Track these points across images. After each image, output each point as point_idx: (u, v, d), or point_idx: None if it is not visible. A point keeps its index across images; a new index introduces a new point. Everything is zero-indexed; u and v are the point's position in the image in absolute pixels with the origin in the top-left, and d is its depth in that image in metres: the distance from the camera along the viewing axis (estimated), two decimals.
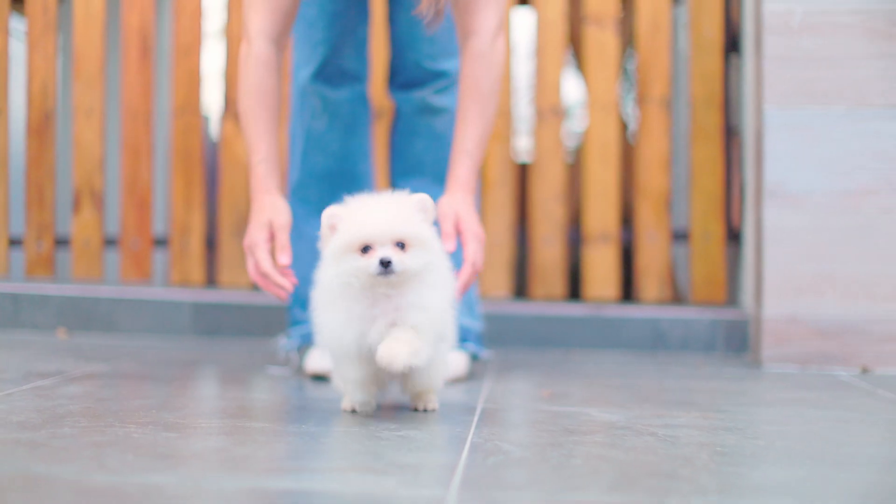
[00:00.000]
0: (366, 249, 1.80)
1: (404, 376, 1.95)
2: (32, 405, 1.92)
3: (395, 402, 2.10)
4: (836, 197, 2.94)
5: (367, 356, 1.85)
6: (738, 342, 3.28)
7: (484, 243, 2.24)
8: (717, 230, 3.53)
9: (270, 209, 2.25)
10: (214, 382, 2.51)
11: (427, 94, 2.63)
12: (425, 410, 2.00)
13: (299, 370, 2.60)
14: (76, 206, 3.61)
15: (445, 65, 2.61)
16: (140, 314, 3.37)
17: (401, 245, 1.80)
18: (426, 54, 2.60)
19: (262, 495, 1.33)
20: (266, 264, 2.18)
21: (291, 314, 2.70)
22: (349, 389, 1.93)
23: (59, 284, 3.49)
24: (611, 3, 3.58)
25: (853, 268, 2.93)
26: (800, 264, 2.95)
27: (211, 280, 3.81)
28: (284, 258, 2.17)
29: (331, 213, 1.85)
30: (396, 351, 1.78)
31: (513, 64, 3.69)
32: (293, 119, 2.66)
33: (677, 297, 3.82)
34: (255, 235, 2.22)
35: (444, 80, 2.62)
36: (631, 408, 2.13)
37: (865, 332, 2.93)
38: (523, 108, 5.35)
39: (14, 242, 3.60)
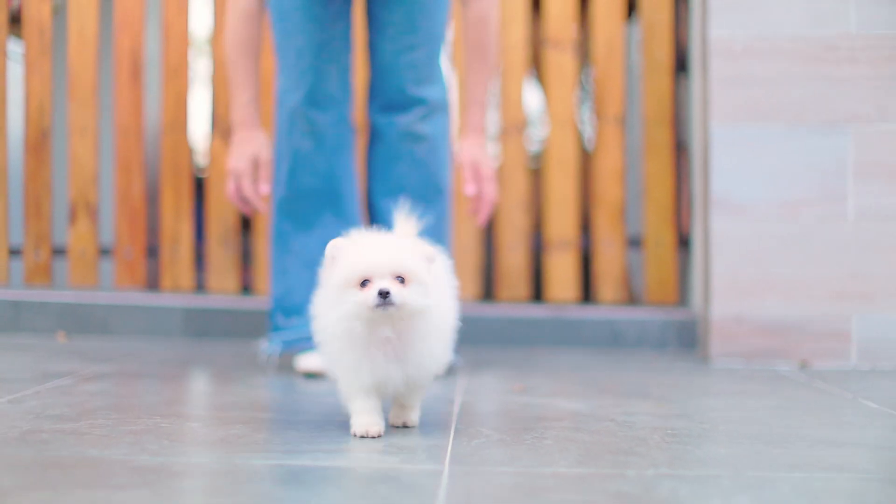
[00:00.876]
0: (365, 283, 1.77)
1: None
2: (62, 401, 2.15)
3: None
4: (777, 207, 3.22)
5: (380, 389, 1.88)
6: (689, 340, 3.55)
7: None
8: (669, 237, 3.79)
9: (257, 143, 2.77)
10: (216, 380, 2.72)
11: (411, 122, 2.83)
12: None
13: (278, 371, 2.80)
14: (72, 217, 3.81)
15: (426, 91, 2.83)
16: (134, 318, 3.59)
17: (401, 280, 1.78)
18: (408, 79, 2.82)
19: (288, 471, 1.58)
20: (249, 190, 2.73)
21: (273, 320, 2.86)
22: (360, 417, 1.88)
23: (57, 291, 3.69)
24: (568, 28, 3.84)
25: (793, 271, 3.21)
26: (744, 268, 3.23)
27: (200, 286, 4.01)
28: (266, 187, 2.75)
29: (334, 245, 1.84)
30: (411, 418, 1.97)
31: None
32: (279, 139, 2.83)
33: (632, 298, 4.07)
34: (242, 165, 2.74)
35: (425, 107, 2.83)
36: (592, 398, 2.40)
37: (804, 331, 3.21)
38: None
39: (13, 252, 3.77)
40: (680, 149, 3.87)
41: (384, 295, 1.74)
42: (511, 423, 2.07)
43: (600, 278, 3.81)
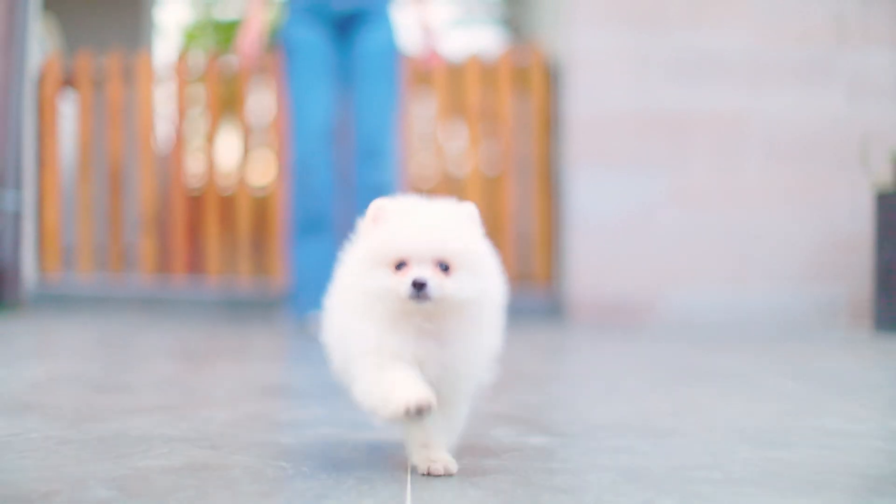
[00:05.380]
0: (400, 266, 1.49)
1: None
2: None
3: None
4: (612, 220, 5.06)
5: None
6: (557, 309, 5.36)
7: None
8: (546, 238, 5.60)
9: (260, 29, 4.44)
10: None
11: (371, 172, 4.36)
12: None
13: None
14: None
15: (387, 142, 4.45)
16: None
17: (444, 267, 1.48)
18: (374, 126, 4.41)
19: None
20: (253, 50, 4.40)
21: (299, 299, 4.51)
22: (402, 388, 1.45)
23: None
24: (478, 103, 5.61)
25: (623, 266, 5.05)
26: (596, 258, 5.05)
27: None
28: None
29: (379, 206, 1.55)
30: (443, 460, 1.57)
31: None
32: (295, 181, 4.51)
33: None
34: (251, 39, 4.39)
35: (384, 157, 4.50)
36: None
37: (632, 302, 5.06)
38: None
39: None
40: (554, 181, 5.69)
41: (419, 286, 1.46)
42: None
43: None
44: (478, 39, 10.18)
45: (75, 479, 1.52)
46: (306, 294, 4.41)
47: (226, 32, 11.23)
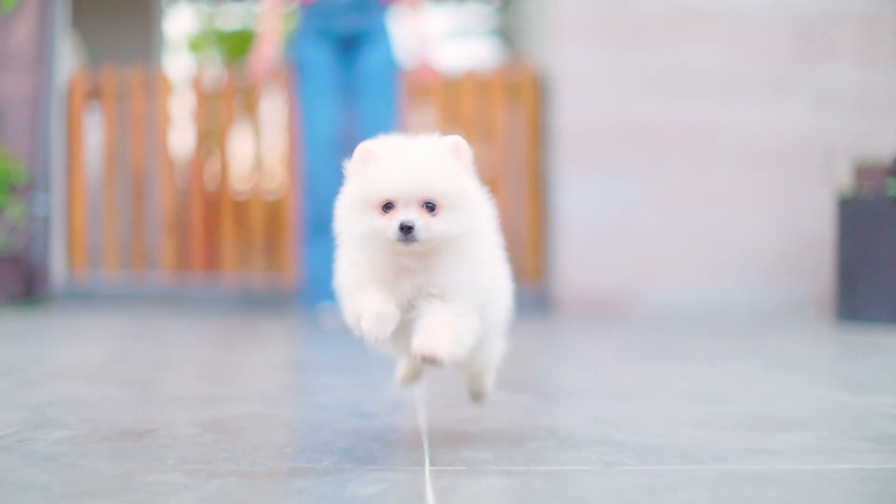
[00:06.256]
0: (388, 207, 1.52)
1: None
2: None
3: None
4: (596, 222, 5.51)
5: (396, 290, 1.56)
6: (545, 301, 5.80)
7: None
8: (535, 238, 6.04)
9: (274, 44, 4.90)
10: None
11: None
12: (478, 398, 1.83)
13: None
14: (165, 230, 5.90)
15: None
16: None
17: (430, 206, 1.51)
18: (375, 135, 4.93)
19: None
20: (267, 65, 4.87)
21: (310, 293, 4.96)
22: (365, 305, 1.53)
23: None
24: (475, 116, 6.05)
25: (606, 263, 5.50)
26: (581, 257, 5.50)
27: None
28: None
29: (367, 148, 1.58)
30: (436, 343, 1.49)
31: None
32: (308, 185, 4.97)
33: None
34: (263, 58, 4.85)
35: None
36: None
37: (614, 297, 5.51)
38: None
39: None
40: (545, 188, 6.13)
41: (407, 230, 1.49)
42: None
43: None
44: (473, 51, 10.59)
45: (166, 422, 1.97)
46: (316, 289, 4.85)
47: (228, 42, 11.61)
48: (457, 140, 1.58)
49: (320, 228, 4.79)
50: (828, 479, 1.56)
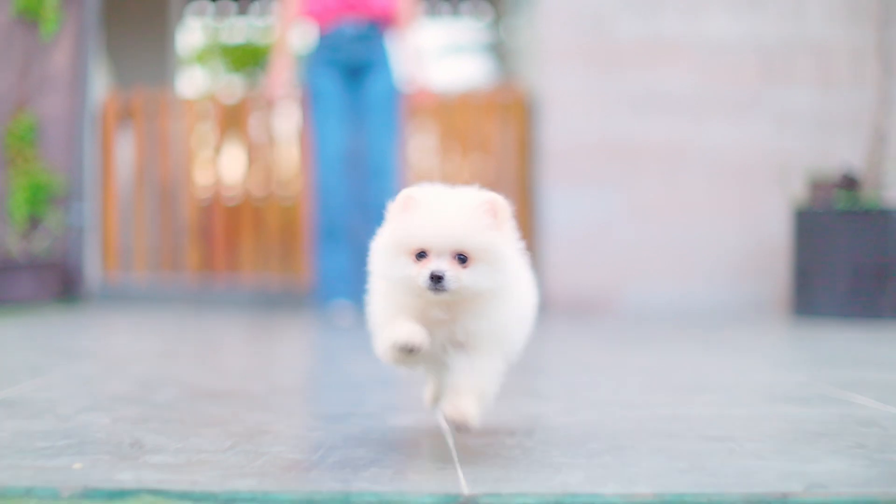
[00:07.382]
0: (421, 255, 1.54)
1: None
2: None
3: None
4: (579, 230, 6.11)
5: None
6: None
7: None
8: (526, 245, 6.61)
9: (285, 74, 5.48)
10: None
11: (378, 186, 5.44)
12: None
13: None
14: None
15: (389, 164, 5.57)
16: None
17: (462, 258, 1.53)
18: (379, 152, 5.54)
19: None
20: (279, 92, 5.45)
21: (324, 292, 5.55)
22: (395, 329, 1.58)
23: None
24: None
25: (589, 267, 6.10)
26: (567, 261, 6.10)
27: None
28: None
29: (407, 195, 1.59)
30: (465, 409, 1.56)
31: None
32: (322, 190, 5.56)
33: None
34: (278, 82, 5.43)
35: (388, 175, 5.58)
36: None
37: (597, 296, 6.11)
38: None
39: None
40: (532, 198, 6.73)
41: (437, 279, 1.51)
42: None
43: None
44: (466, 67, 11.07)
45: (241, 386, 2.59)
46: (329, 289, 5.45)
47: (233, 55, 12.07)
48: (494, 196, 1.63)
49: (331, 234, 5.39)
50: (717, 419, 2.17)
